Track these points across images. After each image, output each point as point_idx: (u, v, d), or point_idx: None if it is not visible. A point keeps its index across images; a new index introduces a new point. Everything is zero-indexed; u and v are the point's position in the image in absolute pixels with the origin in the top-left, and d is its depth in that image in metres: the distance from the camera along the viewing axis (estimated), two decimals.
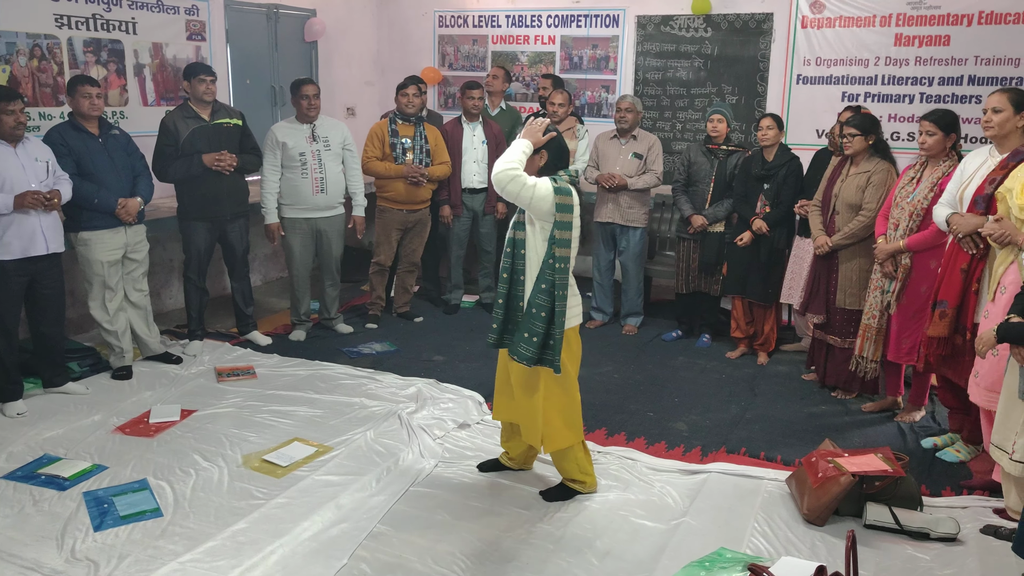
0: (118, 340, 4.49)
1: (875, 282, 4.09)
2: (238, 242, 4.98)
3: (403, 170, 5.24)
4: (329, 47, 7.01)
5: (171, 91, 5.60)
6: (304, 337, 5.29)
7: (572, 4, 6.73)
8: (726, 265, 5.07)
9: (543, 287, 3.05)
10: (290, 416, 4.06)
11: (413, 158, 5.31)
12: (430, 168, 5.34)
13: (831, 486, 3.12)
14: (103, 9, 5.12)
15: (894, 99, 5.77)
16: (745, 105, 6.26)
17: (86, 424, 3.91)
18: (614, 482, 3.50)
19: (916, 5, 5.59)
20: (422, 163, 5.34)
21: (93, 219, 4.27)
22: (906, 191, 3.94)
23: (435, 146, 5.40)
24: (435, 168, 5.38)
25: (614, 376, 4.78)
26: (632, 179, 5.33)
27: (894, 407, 4.30)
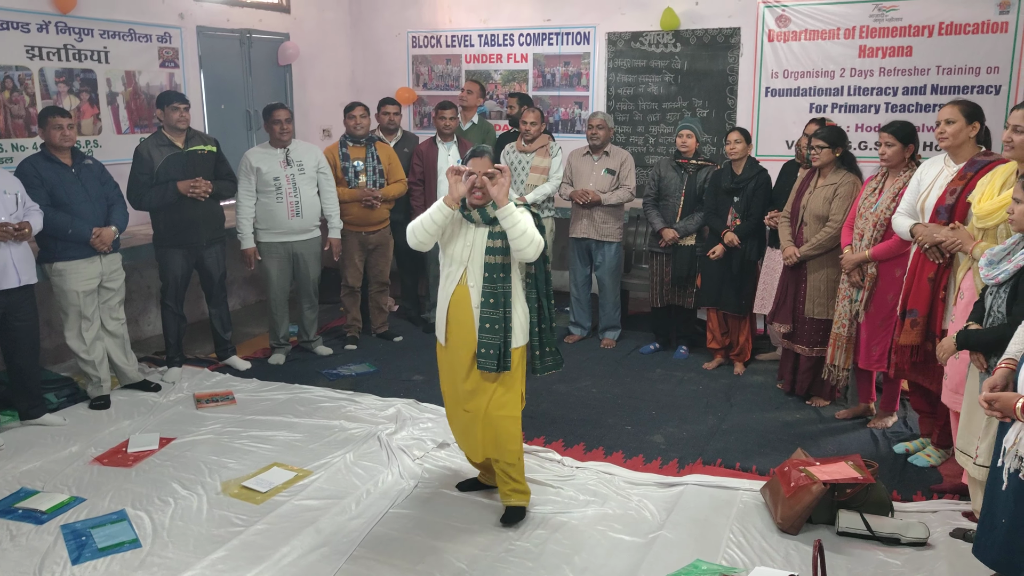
0: (95, 370, 4.49)
1: (843, 292, 4.16)
2: (215, 268, 4.99)
3: (356, 194, 5.29)
4: (303, 70, 7.06)
5: (145, 119, 5.62)
6: (283, 361, 5.30)
7: (543, 23, 6.81)
8: (700, 277, 5.14)
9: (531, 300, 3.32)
10: (269, 441, 4.08)
11: (367, 180, 5.36)
12: (385, 188, 5.39)
13: (803, 495, 3.17)
14: (75, 39, 5.14)
15: (860, 109, 5.88)
16: (716, 118, 6.36)
17: (63, 456, 3.91)
18: (592, 497, 3.54)
19: (878, 17, 5.71)
20: (376, 184, 5.38)
21: (67, 249, 4.27)
22: (869, 201, 4.02)
23: (388, 165, 5.45)
24: (390, 188, 5.43)
25: (592, 391, 4.82)
26: (605, 195, 5.40)
27: (867, 413, 4.36)
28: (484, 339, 3.18)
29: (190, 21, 5.95)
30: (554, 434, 4.19)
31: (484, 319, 3.17)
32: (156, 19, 5.67)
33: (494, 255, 3.16)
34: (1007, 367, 2.38)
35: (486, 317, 3.17)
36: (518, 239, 3.06)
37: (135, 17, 5.51)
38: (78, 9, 5.10)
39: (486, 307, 3.17)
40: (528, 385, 4.82)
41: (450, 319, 3.26)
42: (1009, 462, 2.32)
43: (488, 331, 3.17)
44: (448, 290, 3.25)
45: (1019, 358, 2.34)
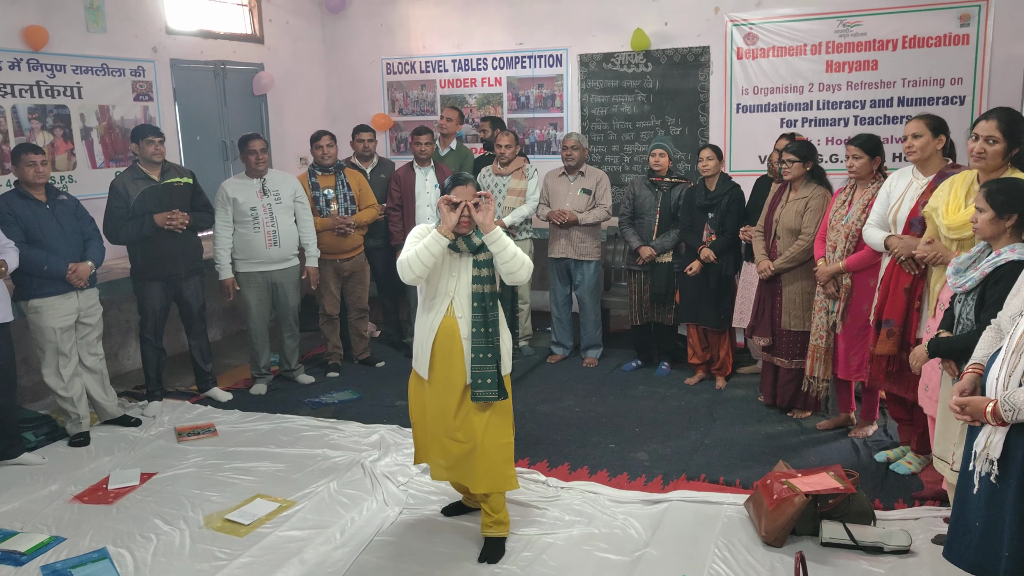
0: (74, 406, 4.45)
1: (819, 304, 4.21)
2: (194, 299, 4.97)
3: (328, 223, 5.31)
4: (279, 99, 7.08)
5: (120, 152, 5.62)
6: (265, 391, 5.28)
7: (516, 46, 6.89)
8: (678, 293, 5.18)
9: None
10: (252, 472, 4.05)
11: (338, 207, 5.37)
12: (356, 215, 5.41)
13: (786, 507, 3.19)
14: (47, 76, 5.14)
15: (829, 123, 5.98)
16: (689, 135, 6.44)
17: (43, 495, 3.86)
18: (578, 517, 3.54)
19: (843, 33, 5.82)
20: (347, 211, 5.40)
21: (43, 286, 4.25)
22: (840, 214, 4.09)
23: (359, 191, 5.47)
24: (362, 214, 5.45)
25: (576, 410, 4.83)
26: (582, 214, 5.44)
27: (847, 423, 4.40)
28: (478, 369, 3.10)
29: (163, 54, 5.96)
30: (538, 455, 4.19)
31: (476, 349, 3.11)
32: (129, 53, 5.69)
33: (481, 284, 3.12)
34: (974, 372, 2.42)
35: (478, 347, 3.11)
36: (509, 262, 3.03)
37: (108, 52, 5.52)
38: (50, 46, 5.10)
39: (478, 337, 3.11)
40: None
41: (436, 351, 3.17)
42: (980, 465, 2.35)
43: (482, 361, 3.11)
44: (434, 323, 3.16)
45: (985, 363, 2.38)
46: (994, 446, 2.27)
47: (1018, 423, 2.19)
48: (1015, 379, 2.21)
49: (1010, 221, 2.71)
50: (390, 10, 7.27)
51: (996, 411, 2.19)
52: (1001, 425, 2.21)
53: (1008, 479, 2.26)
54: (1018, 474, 2.22)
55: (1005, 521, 2.26)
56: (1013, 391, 2.17)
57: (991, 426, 2.25)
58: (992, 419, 2.21)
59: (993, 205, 2.71)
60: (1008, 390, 2.20)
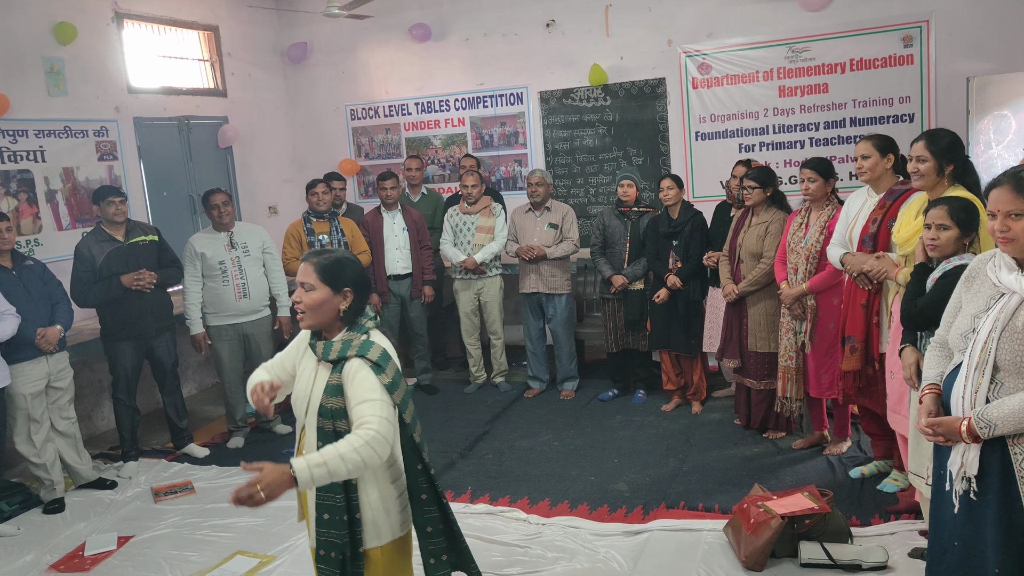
0: (47, 473, 4.39)
1: (785, 325, 4.29)
2: (166, 356, 4.95)
3: None
4: (244, 150, 7.12)
5: (86, 213, 5.61)
6: (243, 443, 5.24)
7: (477, 86, 7.00)
8: (649, 321, 5.25)
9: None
10: (231, 529, 4.01)
11: None
12: None
13: (763, 530, 3.23)
14: (9, 141, 5.15)
15: (786, 146, 6.12)
16: (651, 164, 6.55)
17: (17, 567, 3.79)
18: (560, 553, 3.54)
19: (793, 59, 5.99)
20: None
21: (13, 352, 4.21)
22: (797, 236, 4.19)
23: (352, 238, 5.52)
24: None
25: (554, 444, 4.85)
26: (550, 249, 5.51)
27: (822, 441, 4.46)
28: (322, 536, 2.25)
29: (126, 113, 5.99)
30: (519, 492, 4.20)
31: (321, 505, 2.24)
32: (91, 114, 5.71)
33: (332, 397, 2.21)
34: (932, 392, 2.42)
35: (324, 502, 2.23)
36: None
37: (70, 114, 5.55)
38: (11, 111, 5.11)
39: (321, 488, 2.21)
40: (490, 444, 4.88)
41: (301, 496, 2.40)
42: (957, 485, 2.32)
43: (327, 524, 2.24)
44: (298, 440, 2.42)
45: (940, 382, 2.40)
46: (970, 463, 2.23)
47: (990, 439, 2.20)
48: (981, 396, 2.21)
49: (969, 238, 2.82)
50: (351, 57, 7.37)
51: (971, 429, 2.19)
52: (976, 442, 2.21)
53: (987, 495, 2.23)
54: (997, 489, 2.19)
55: (987, 539, 2.23)
56: (985, 408, 2.17)
57: (965, 444, 2.24)
58: (968, 437, 2.21)
59: (959, 223, 2.81)
60: (977, 408, 2.21)
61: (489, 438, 5.03)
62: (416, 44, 7.06)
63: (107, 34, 5.87)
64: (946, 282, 2.74)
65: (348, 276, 2.28)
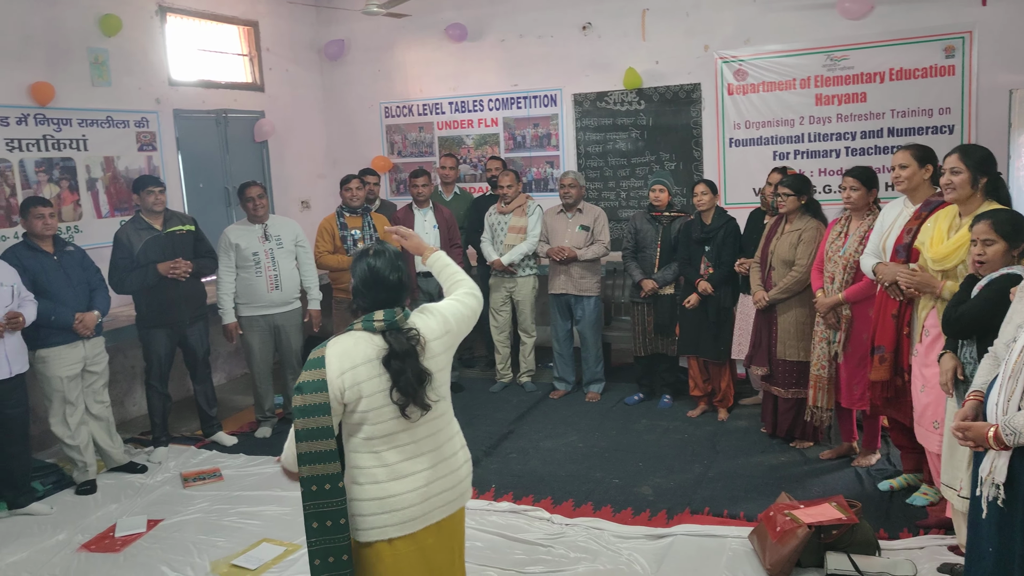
0: (81, 455, 4.48)
1: (819, 334, 4.25)
2: (198, 345, 5.03)
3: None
4: (279, 145, 7.21)
5: (125, 202, 5.71)
6: (270, 433, 5.30)
7: (511, 87, 7.02)
8: (678, 326, 5.23)
9: None
10: (258, 516, 4.07)
11: None
12: None
13: (789, 539, 3.20)
14: (53, 130, 5.26)
15: (821, 155, 6.07)
16: (683, 170, 6.53)
17: (51, 545, 3.88)
18: (583, 554, 3.55)
19: (831, 67, 5.94)
20: None
21: (50, 336, 4.31)
22: (836, 245, 4.15)
23: (383, 234, 5.56)
24: None
25: (579, 445, 4.85)
26: (581, 250, 5.52)
27: (850, 452, 4.42)
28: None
29: (167, 105, 6.09)
30: (543, 492, 4.21)
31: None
32: (133, 105, 5.82)
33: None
34: (975, 399, 2.46)
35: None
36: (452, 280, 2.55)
37: (112, 105, 5.65)
38: (56, 100, 5.23)
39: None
40: (514, 443, 4.89)
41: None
42: (987, 491, 2.36)
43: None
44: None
45: (985, 389, 2.42)
46: (998, 470, 2.29)
47: (1021, 447, 2.22)
48: (1014, 403, 2.25)
49: (1018, 250, 2.79)
50: (387, 55, 7.43)
51: (998, 435, 2.23)
52: (1004, 449, 2.24)
53: (1016, 503, 2.26)
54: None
55: (1016, 545, 2.27)
56: (1013, 415, 2.21)
57: (994, 451, 2.28)
58: (995, 443, 2.24)
59: (1004, 236, 2.79)
60: (1008, 415, 2.23)
61: (514, 437, 5.04)
62: (452, 44, 7.11)
63: (151, 27, 5.98)
64: (990, 291, 2.72)
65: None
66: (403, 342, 2.23)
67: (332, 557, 2.20)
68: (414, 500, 2.27)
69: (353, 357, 2.21)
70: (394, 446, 2.26)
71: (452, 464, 2.38)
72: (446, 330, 2.37)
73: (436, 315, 2.38)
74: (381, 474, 2.25)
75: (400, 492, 2.25)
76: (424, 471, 2.29)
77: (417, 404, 2.23)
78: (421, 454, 2.30)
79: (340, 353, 2.22)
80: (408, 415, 2.23)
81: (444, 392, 2.37)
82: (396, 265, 2.32)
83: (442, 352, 2.35)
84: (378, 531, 2.25)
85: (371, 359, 2.21)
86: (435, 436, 2.34)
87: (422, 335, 2.28)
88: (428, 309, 2.40)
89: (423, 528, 2.31)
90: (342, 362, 2.20)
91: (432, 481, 2.31)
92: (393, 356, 2.21)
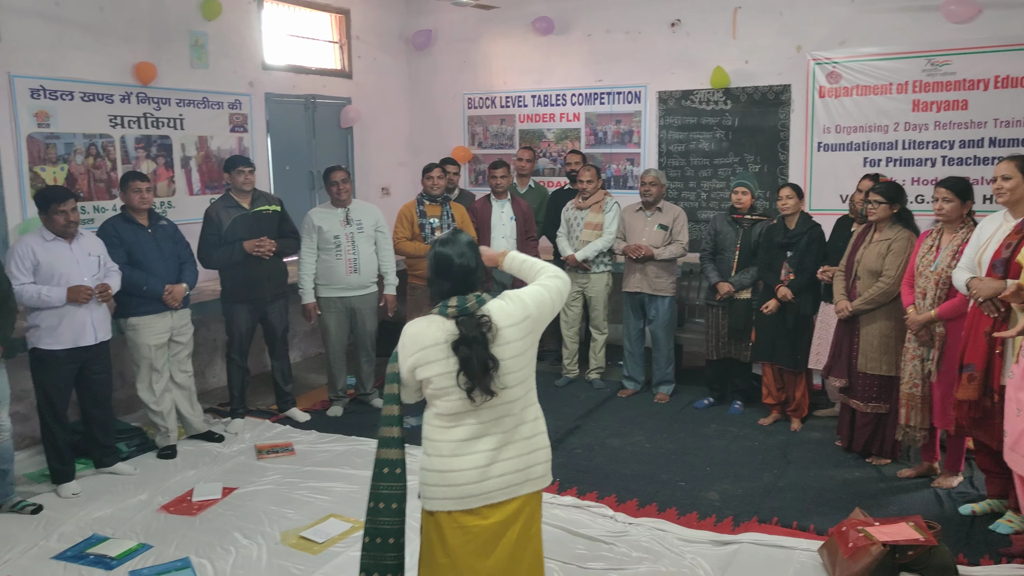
0: (164, 420, 4.67)
1: (911, 351, 4.08)
2: (278, 322, 5.18)
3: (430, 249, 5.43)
4: (364, 132, 7.35)
5: (215, 180, 5.92)
6: (341, 413, 5.42)
7: (595, 82, 6.99)
8: (754, 332, 5.12)
9: None
10: (327, 492, 4.17)
11: None
12: None
13: (862, 556, 3.11)
14: (153, 108, 5.49)
15: (915, 163, 5.84)
16: (768, 173, 6.39)
17: (132, 503, 4.06)
18: (645, 554, 3.52)
19: (931, 72, 5.71)
20: None
21: (141, 305, 4.50)
22: (927, 259, 3.99)
23: (461, 224, 5.60)
24: None
25: (645, 445, 4.81)
26: (658, 250, 5.45)
27: (930, 473, 4.25)
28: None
29: (259, 88, 6.29)
30: (607, 489, 4.19)
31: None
32: (228, 87, 6.02)
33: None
34: None
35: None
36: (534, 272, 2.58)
37: (208, 86, 5.86)
38: (157, 80, 5.45)
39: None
40: (580, 439, 4.88)
41: None
42: None
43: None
44: None
45: None
46: None
47: None
48: None
49: None
50: (473, 47, 7.48)
51: None
52: None
53: None
54: None
55: None
56: None
57: None
58: None
59: None
60: None
61: (580, 433, 5.03)
62: (538, 37, 7.11)
63: (248, 12, 6.17)
64: None
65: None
66: (473, 328, 2.30)
67: (380, 538, 2.42)
68: (472, 478, 2.35)
69: (424, 339, 2.34)
70: (460, 424, 2.36)
71: (520, 448, 2.42)
72: (525, 315, 2.38)
73: (515, 301, 2.40)
74: (446, 448, 2.37)
75: (460, 468, 2.35)
76: (486, 451, 2.36)
77: (482, 389, 2.28)
78: (486, 435, 2.37)
79: (414, 334, 2.37)
80: (473, 398, 2.30)
81: (523, 377, 2.40)
82: (466, 252, 2.40)
83: (520, 338, 2.37)
84: (439, 502, 2.38)
85: (440, 343, 2.31)
86: (502, 420, 2.38)
87: (494, 322, 2.31)
88: (508, 295, 2.42)
89: (485, 506, 2.37)
90: (414, 342, 2.35)
91: (493, 462, 2.37)
92: (462, 342, 2.29)
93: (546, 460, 2.50)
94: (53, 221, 4.04)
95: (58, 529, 3.77)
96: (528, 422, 2.45)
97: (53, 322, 4.04)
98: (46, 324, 4.04)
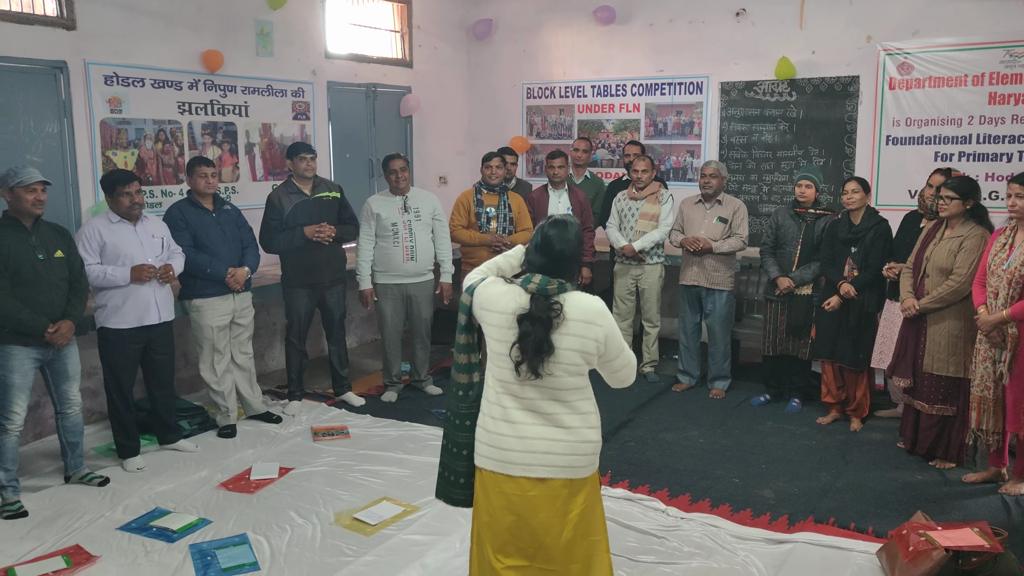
0: (224, 400, 4.80)
1: (983, 352, 3.93)
2: (336, 307, 5.26)
3: (487, 238, 5.45)
4: (423, 120, 7.40)
5: (278, 166, 6.04)
6: (395, 398, 5.49)
7: (656, 73, 6.90)
8: (815, 328, 5.00)
9: None
10: (380, 475, 4.23)
11: (497, 226, 5.52)
12: (513, 236, 5.52)
13: (923, 561, 3.02)
14: (220, 96, 5.62)
15: (990, 158, 5.62)
16: (833, 167, 6.22)
17: (194, 480, 4.19)
18: (697, 550, 3.48)
19: (1010, 64, 5.48)
20: (505, 231, 5.53)
21: (205, 287, 4.62)
22: (999, 258, 3.83)
23: (518, 214, 5.60)
24: (518, 236, 5.57)
25: (700, 441, 4.75)
26: (717, 243, 5.37)
27: (998, 479, 4.09)
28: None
29: (321, 77, 6.38)
30: (659, 483, 4.15)
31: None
32: (291, 76, 6.13)
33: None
34: None
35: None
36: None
37: (273, 74, 5.97)
38: (224, 68, 5.58)
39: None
40: (633, 432, 4.85)
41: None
42: None
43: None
44: None
45: None
46: None
47: None
48: None
49: None
50: (533, 36, 7.46)
51: None
52: None
53: None
54: None
55: None
56: None
57: None
58: None
59: None
60: None
61: (633, 426, 4.99)
62: (599, 26, 7.05)
63: (312, 2, 6.27)
64: None
65: None
66: (543, 310, 2.32)
67: (455, 448, 2.61)
68: (513, 446, 2.41)
69: (493, 300, 2.42)
70: (507, 393, 2.43)
71: (556, 434, 2.42)
72: (583, 347, 2.36)
73: (598, 331, 2.36)
74: (497, 412, 2.45)
75: (503, 433, 2.43)
76: (529, 425, 2.41)
77: (530, 368, 2.33)
78: (533, 411, 2.42)
79: (489, 288, 2.46)
80: (519, 371, 2.35)
81: (579, 371, 2.40)
82: (570, 241, 2.42)
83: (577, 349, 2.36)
84: (483, 460, 2.48)
85: (507, 311, 2.37)
86: (541, 403, 2.41)
87: (565, 311, 2.33)
88: (598, 323, 2.36)
89: (526, 478, 2.41)
90: (484, 293, 2.45)
91: (525, 437, 2.41)
92: (527, 317, 2.33)
93: (593, 452, 2.51)
94: (118, 203, 4.17)
95: (123, 501, 3.91)
96: (580, 414, 2.45)
97: (118, 301, 4.18)
98: (112, 304, 4.18)
